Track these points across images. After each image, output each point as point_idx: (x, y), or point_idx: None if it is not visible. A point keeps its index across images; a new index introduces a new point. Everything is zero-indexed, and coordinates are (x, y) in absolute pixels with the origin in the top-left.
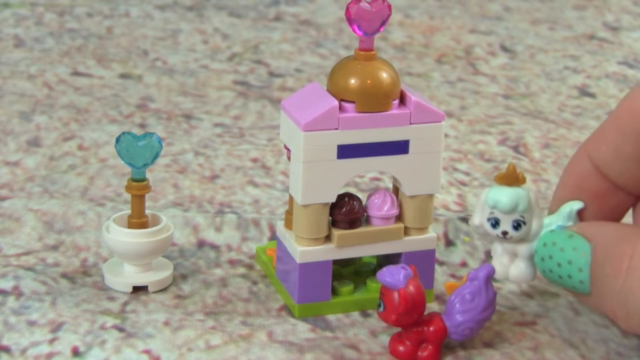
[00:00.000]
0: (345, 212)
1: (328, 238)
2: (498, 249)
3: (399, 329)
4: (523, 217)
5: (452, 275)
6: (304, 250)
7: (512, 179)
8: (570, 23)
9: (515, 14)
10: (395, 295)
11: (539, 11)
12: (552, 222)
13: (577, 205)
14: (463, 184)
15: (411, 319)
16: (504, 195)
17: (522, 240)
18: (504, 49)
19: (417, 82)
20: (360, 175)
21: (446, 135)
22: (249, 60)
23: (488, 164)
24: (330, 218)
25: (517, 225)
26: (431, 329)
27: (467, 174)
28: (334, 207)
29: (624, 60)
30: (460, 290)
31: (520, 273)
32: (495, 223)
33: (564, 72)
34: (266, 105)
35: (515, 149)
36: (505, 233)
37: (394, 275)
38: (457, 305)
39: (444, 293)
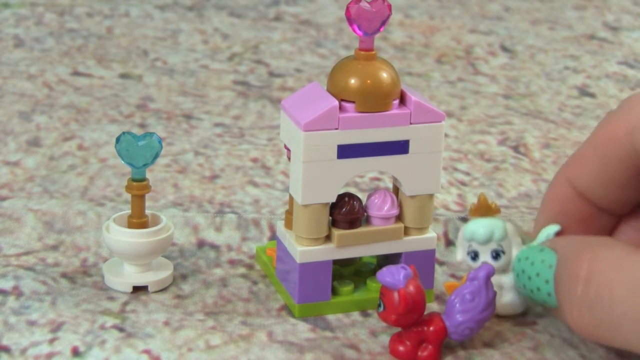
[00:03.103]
0: (345, 212)
1: (328, 238)
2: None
3: (399, 329)
4: (501, 246)
5: (452, 275)
6: (304, 250)
7: (484, 209)
8: (570, 23)
9: (515, 14)
10: (395, 295)
11: (539, 11)
12: None
13: (554, 228)
14: (463, 184)
15: (411, 319)
16: (479, 226)
17: (504, 271)
18: (504, 49)
19: (417, 82)
20: (360, 175)
21: (446, 135)
22: (249, 60)
23: (488, 164)
24: (330, 218)
25: (496, 255)
26: (431, 329)
27: (467, 174)
28: (334, 207)
29: (624, 60)
30: (460, 290)
31: (508, 304)
32: (475, 255)
33: (564, 72)
34: (266, 105)
35: (515, 149)
36: None
37: (394, 275)
38: (457, 305)
39: (444, 293)
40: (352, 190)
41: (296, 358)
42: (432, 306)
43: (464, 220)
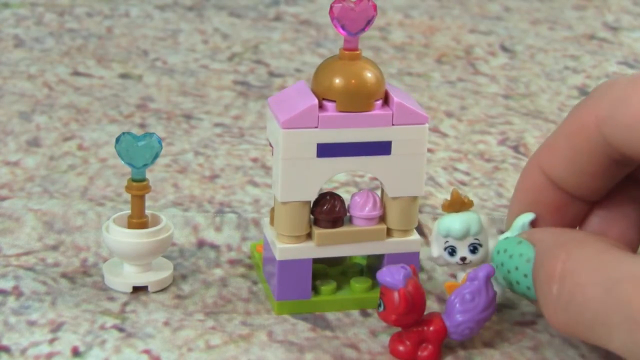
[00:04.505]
0: (326, 211)
1: (310, 236)
2: (461, 275)
3: (399, 329)
4: (478, 239)
5: (452, 276)
6: (283, 247)
7: (458, 204)
8: (570, 23)
9: (515, 14)
10: (396, 295)
11: (539, 11)
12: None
13: (529, 217)
14: (463, 183)
15: (411, 318)
16: (455, 222)
17: (483, 262)
18: (504, 49)
19: (417, 82)
20: (359, 175)
21: (446, 135)
22: (249, 60)
23: (488, 164)
24: (313, 217)
25: (473, 249)
26: (431, 328)
27: (467, 174)
28: (315, 206)
29: (624, 60)
30: (460, 290)
31: None
32: (452, 251)
33: (564, 72)
34: (266, 105)
35: (515, 149)
36: (464, 259)
37: (394, 275)
38: (457, 305)
39: (444, 293)
40: (352, 190)
41: (296, 358)
42: (432, 306)
43: None
